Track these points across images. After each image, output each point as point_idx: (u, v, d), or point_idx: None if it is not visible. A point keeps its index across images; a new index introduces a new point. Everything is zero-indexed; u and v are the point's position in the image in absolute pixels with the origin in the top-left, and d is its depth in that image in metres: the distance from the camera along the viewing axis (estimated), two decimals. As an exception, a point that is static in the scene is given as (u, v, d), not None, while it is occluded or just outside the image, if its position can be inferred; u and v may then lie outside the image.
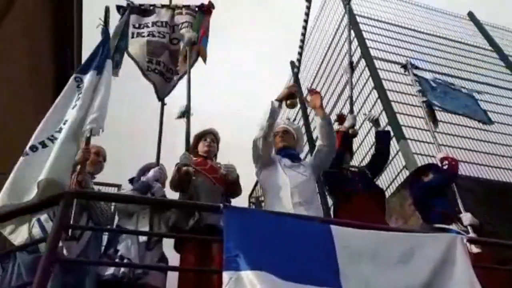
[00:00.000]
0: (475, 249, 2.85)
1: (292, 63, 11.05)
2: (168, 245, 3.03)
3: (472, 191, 4.65)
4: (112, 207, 3.31)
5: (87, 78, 2.88)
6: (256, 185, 8.53)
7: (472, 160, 6.03)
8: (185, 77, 3.71)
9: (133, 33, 3.96)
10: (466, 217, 3.28)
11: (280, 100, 2.87)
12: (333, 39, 8.42)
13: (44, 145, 2.50)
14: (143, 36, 3.94)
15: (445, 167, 3.59)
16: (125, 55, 3.85)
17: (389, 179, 5.81)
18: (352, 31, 7.56)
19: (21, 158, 2.42)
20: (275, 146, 3.20)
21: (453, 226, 3.28)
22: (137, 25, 4.01)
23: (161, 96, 3.97)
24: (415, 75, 4.57)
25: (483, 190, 5.02)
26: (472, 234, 3.14)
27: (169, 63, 3.99)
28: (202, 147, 3.37)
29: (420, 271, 1.89)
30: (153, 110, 4.05)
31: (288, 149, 3.18)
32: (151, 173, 3.17)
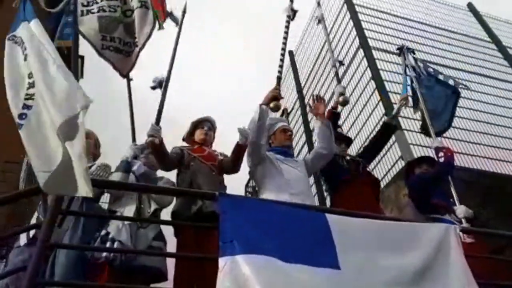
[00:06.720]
0: (468, 240, 2.89)
1: (291, 52, 10.97)
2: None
3: (466, 182, 4.69)
4: None
5: (20, 31, 2.47)
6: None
7: (467, 152, 6.05)
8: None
9: (82, 11, 3.65)
10: (461, 210, 3.34)
11: (266, 104, 2.91)
12: (332, 27, 8.36)
13: (27, 106, 2.15)
14: (93, 13, 3.65)
15: (441, 159, 3.60)
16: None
17: (385, 169, 5.84)
18: (351, 21, 7.53)
19: (21, 132, 2.06)
20: (279, 142, 3.22)
21: (447, 217, 3.33)
22: (85, 3, 3.71)
23: (123, 73, 3.68)
24: (414, 59, 4.61)
25: (478, 181, 5.06)
26: (465, 225, 3.18)
27: (125, 37, 3.70)
28: (199, 135, 3.36)
29: (414, 259, 1.92)
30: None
31: (287, 148, 3.22)
32: (128, 151, 3.04)
